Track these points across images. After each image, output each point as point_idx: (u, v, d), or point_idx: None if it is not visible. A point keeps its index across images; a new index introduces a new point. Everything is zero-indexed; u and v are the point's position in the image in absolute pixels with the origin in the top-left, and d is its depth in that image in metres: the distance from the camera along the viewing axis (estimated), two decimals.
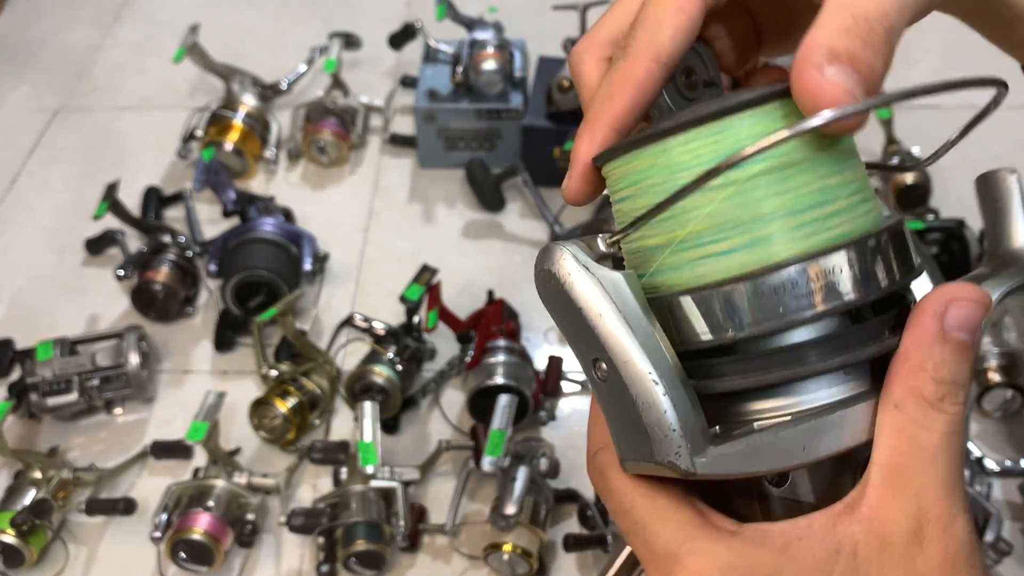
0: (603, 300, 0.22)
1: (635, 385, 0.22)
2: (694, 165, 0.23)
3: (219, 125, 1.11)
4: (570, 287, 0.23)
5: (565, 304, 0.23)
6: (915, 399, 0.22)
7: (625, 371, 0.22)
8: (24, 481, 0.78)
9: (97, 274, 1.02)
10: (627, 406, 0.22)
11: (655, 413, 0.22)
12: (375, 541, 0.72)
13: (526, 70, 1.09)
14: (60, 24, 1.42)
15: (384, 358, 0.84)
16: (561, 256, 0.23)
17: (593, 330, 0.23)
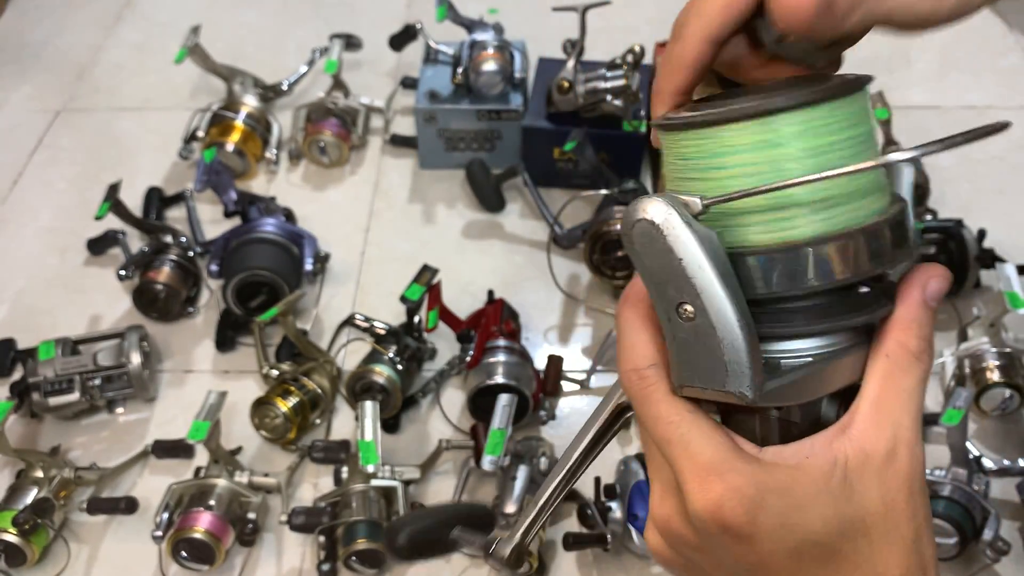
0: (702, 254, 0.26)
1: (722, 328, 0.27)
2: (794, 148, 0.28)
3: (220, 126, 1.11)
4: (673, 239, 0.26)
5: (662, 253, 0.27)
6: (903, 350, 0.29)
7: (716, 317, 0.27)
8: (26, 480, 0.78)
9: (99, 274, 1.02)
10: (709, 344, 0.27)
11: (736, 352, 0.27)
12: (376, 540, 0.72)
13: (526, 71, 1.09)
14: (62, 25, 1.42)
15: (385, 358, 0.84)
16: (665, 211, 0.27)
17: (690, 279, 0.26)
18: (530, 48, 1.13)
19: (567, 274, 1.00)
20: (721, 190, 0.28)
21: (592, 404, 0.88)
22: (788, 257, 0.27)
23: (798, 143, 0.27)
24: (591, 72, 0.99)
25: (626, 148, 1.04)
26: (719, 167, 0.28)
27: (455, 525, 0.45)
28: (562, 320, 0.96)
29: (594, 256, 0.92)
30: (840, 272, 0.28)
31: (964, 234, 0.90)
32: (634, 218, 0.27)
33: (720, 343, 0.27)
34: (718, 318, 0.26)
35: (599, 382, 0.90)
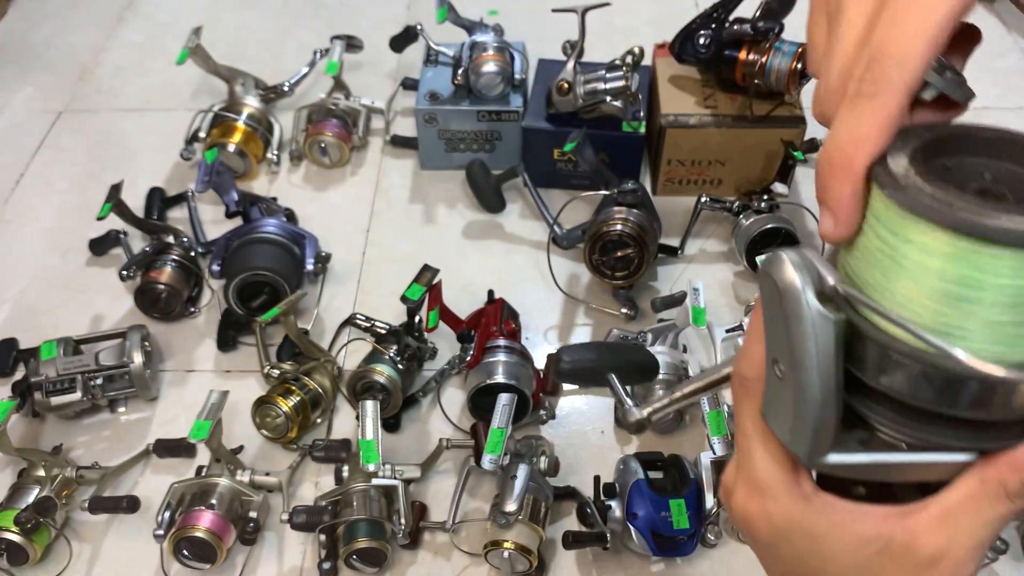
0: (810, 334, 0.26)
1: (801, 403, 0.27)
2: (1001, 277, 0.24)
3: (222, 127, 1.12)
4: (789, 308, 0.26)
5: (777, 310, 0.27)
6: (999, 486, 0.28)
7: (800, 391, 0.27)
8: (28, 479, 0.78)
9: (101, 274, 1.03)
10: (788, 403, 0.28)
11: (804, 424, 0.27)
12: (376, 538, 0.73)
13: (526, 72, 1.09)
14: (64, 26, 1.43)
15: (385, 357, 0.85)
16: (795, 277, 0.26)
17: (791, 348, 0.27)
18: (530, 49, 1.14)
19: (567, 274, 1.01)
20: (894, 293, 0.26)
21: (592, 403, 0.89)
22: (943, 376, 0.26)
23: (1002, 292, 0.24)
24: (590, 73, 0.99)
25: (625, 149, 1.04)
26: (910, 269, 0.26)
27: (615, 369, 0.49)
28: (562, 320, 0.96)
29: (593, 256, 0.92)
30: (999, 411, 0.26)
31: None
32: (766, 269, 0.27)
33: (795, 410, 0.27)
34: (801, 393, 0.27)
35: None
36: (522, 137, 1.07)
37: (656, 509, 0.72)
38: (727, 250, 1.03)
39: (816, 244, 0.98)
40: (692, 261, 1.02)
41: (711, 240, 1.04)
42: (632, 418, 0.43)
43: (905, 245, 0.25)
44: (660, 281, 1.00)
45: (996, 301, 0.24)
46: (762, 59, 0.97)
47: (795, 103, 1.01)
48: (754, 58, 0.98)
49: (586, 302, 0.97)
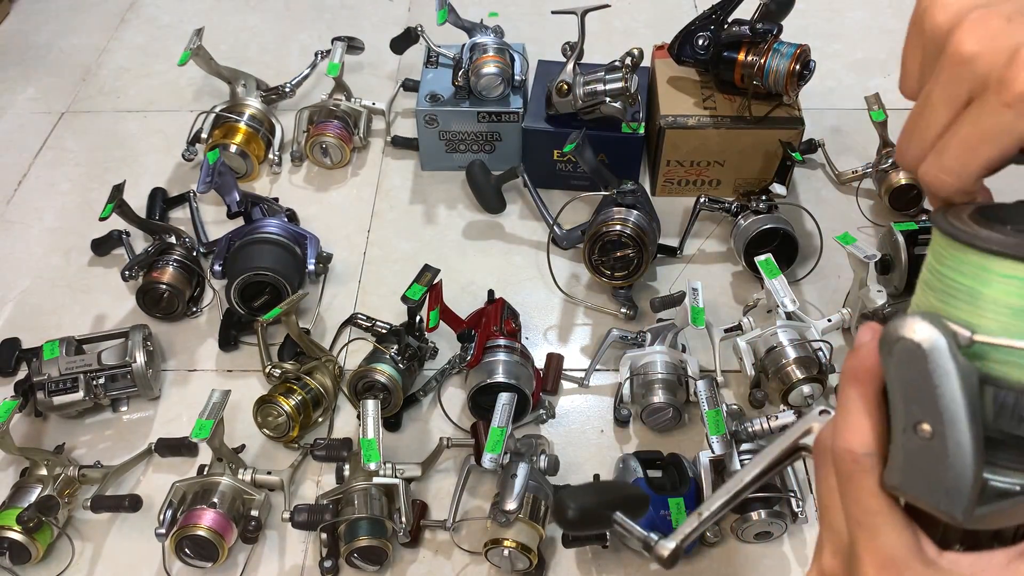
0: (959, 389, 0.27)
1: (955, 458, 0.27)
2: None
3: (224, 127, 1.12)
4: (934, 367, 0.27)
5: (920, 374, 0.27)
6: None
7: (953, 447, 0.27)
8: (30, 478, 0.79)
9: (103, 274, 1.03)
10: (937, 466, 0.28)
11: (961, 481, 0.27)
12: (377, 537, 0.73)
13: (526, 73, 1.10)
14: (66, 28, 1.43)
15: (386, 357, 0.85)
16: (935, 337, 0.27)
17: (939, 407, 0.27)
18: (530, 51, 1.14)
19: (566, 274, 1.01)
20: (991, 326, 0.27)
21: (591, 402, 0.89)
22: None
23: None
24: (590, 74, 1.00)
25: (625, 150, 1.04)
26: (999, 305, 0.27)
27: (617, 508, 0.47)
28: (561, 320, 0.97)
29: (593, 256, 0.93)
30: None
31: None
32: (899, 333, 0.27)
33: (948, 469, 0.28)
34: (955, 449, 0.27)
35: (598, 380, 0.90)
36: (522, 138, 1.07)
37: (655, 508, 0.73)
38: (726, 250, 1.03)
39: (814, 245, 0.99)
40: (691, 261, 1.02)
41: (710, 240, 1.04)
42: (666, 552, 0.40)
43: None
44: (659, 281, 1.00)
45: None
46: (761, 60, 0.97)
47: (793, 104, 1.01)
48: (753, 59, 0.98)
49: (586, 302, 0.98)
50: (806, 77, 0.98)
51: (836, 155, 1.11)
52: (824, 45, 1.29)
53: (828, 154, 1.11)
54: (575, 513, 0.47)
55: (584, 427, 0.87)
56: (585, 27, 1.00)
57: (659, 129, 1.03)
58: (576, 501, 0.47)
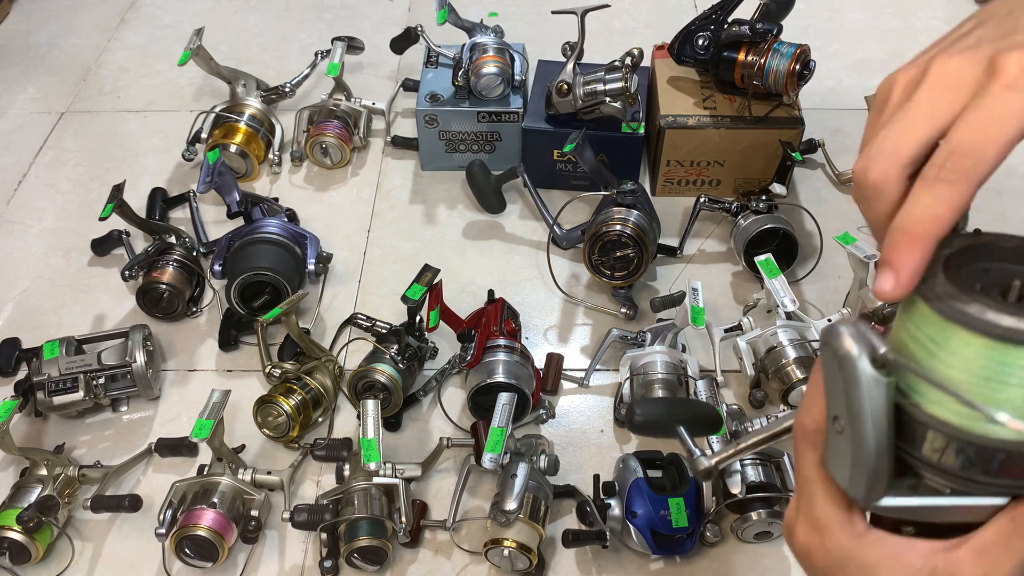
0: (864, 395, 0.30)
1: (858, 453, 0.31)
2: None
3: (224, 127, 1.12)
4: (846, 372, 0.30)
5: (836, 375, 0.31)
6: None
7: (856, 443, 0.31)
8: (30, 478, 0.79)
9: (103, 274, 1.03)
10: (846, 451, 0.32)
11: (861, 472, 0.31)
12: (377, 536, 0.73)
13: (526, 73, 1.10)
14: (66, 28, 1.43)
15: (386, 357, 0.85)
16: (851, 346, 0.30)
17: (848, 407, 0.31)
18: (530, 51, 1.14)
19: (566, 274, 1.01)
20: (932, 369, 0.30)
21: (591, 402, 0.89)
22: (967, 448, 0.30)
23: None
24: (590, 74, 1.00)
25: (625, 149, 1.04)
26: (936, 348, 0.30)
27: (684, 421, 0.53)
28: (561, 320, 0.97)
29: (593, 256, 0.93)
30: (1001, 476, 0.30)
31: None
32: (826, 340, 0.31)
33: (853, 460, 0.31)
34: (858, 445, 0.31)
35: (598, 380, 0.90)
36: (522, 138, 1.07)
37: (655, 508, 0.73)
38: (726, 250, 1.03)
39: (814, 245, 0.99)
40: (691, 261, 1.02)
41: (710, 240, 1.05)
42: (701, 467, 0.45)
43: (945, 344, 0.30)
44: (659, 281, 1.00)
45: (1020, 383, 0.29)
46: (761, 60, 0.97)
47: (793, 104, 1.01)
48: (753, 59, 0.98)
49: (586, 302, 0.98)
50: (806, 77, 0.98)
51: (836, 155, 1.11)
52: (824, 45, 1.29)
53: (828, 154, 1.11)
54: (641, 418, 0.55)
55: (584, 427, 0.87)
56: (585, 27, 1.00)
57: (659, 129, 1.03)
58: (645, 408, 0.56)
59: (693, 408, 0.58)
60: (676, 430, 0.52)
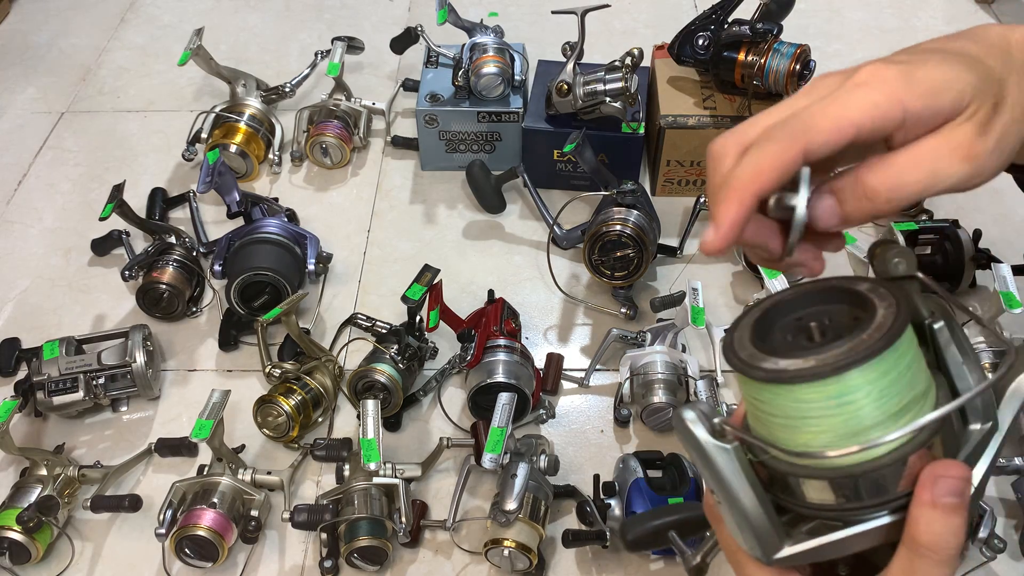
0: (713, 460, 0.33)
1: (735, 513, 0.34)
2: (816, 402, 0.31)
3: (224, 127, 1.12)
4: (693, 448, 0.33)
5: (692, 453, 0.33)
6: (915, 544, 0.32)
7: (729, 505, 0.33)
8: (30, 478, 0.79)
9: (103, 274, 1.03)
10: (730, 517, 0.34)
11: (746, 533, 0.34)
12: (377, 536, 0.73)
13: (526, 73, 1.10)
14: (66, 28, 1.43)
15: (386, 357, 0.85)
16: (690, 427, 0.33)
17: (711, 475, 0.33)
18: (530, 51, 1.14)
19: (566, 274, 1.01)
20: (762, 424, 0.33)
21: (591, 402, 0.89)
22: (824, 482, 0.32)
23: (818, 403, 0.31)
24: (590, 74, 1.00)
25: (625, 149, 1.04)
26: (786, 418, 0.32)
27: (673, 528, 0.59)
28: (561, 320, 0.97)
29: (593, 256, 0.93)
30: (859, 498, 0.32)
31: (960, 235, 0.91)
32: (673, 423, 0.34)
33: (737, 524, 0.34)
34: (734, 510, 0.34)
35: (598, 380, 0.90)
36: (522, 138, 1.07)
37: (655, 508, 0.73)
38: None
39: None
40: (691, 261, 1.02)
41: None
42: (690, 565, 0.49)
43: (761, 401, 0.33)
44: (659, 281, 1.00)
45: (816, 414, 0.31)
46: (761, 60, 0.97)
47: None
48: (753, 59, 0.98)
49: (586, 302, 0.98)
50: (806, 77, 0.98)
51: None
52: (824, 45, 1.29)
53: None
54: (632, 537, 0.60)
55: (584, 427, 0.87)
56: (585, 27, 1.00)
57: (659, 129, 1.03)
58: (636, 528, 0.60)
59: (681, 512, 0.61)
60: (668, 536, 0.57)
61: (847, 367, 0.30)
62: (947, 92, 0.31)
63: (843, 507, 0.32)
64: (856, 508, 0.32)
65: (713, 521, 0.38)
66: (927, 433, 0.32)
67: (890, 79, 0.31)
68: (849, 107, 0.31)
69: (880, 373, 0.30)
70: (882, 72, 0.32)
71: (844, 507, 0.32)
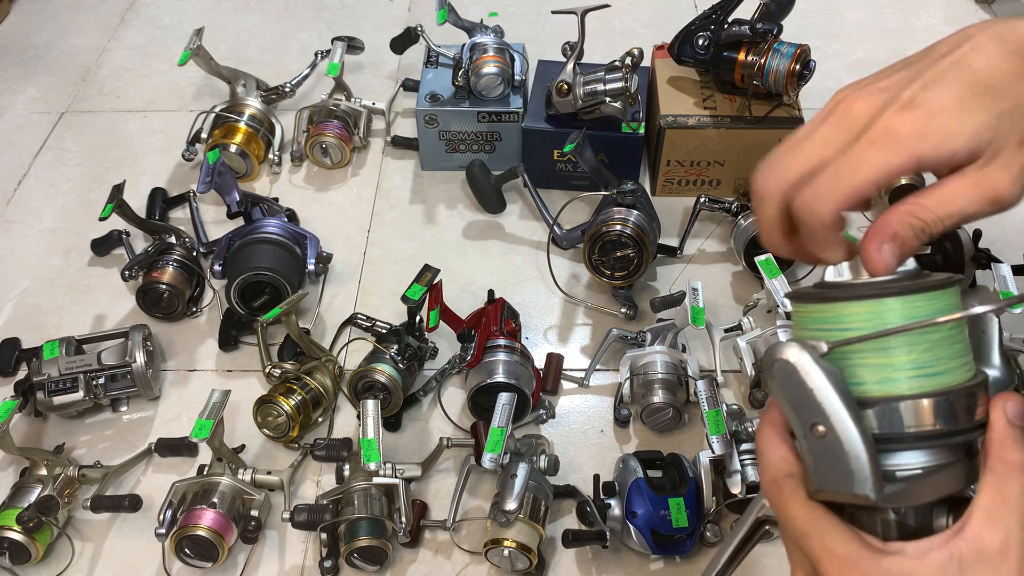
0: (829, 386, 0.33)
1: (848, 444, 0.33)
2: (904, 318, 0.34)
3: (224, 127, 1.12)
4: (805, 374, 0.33)
5: (797, 385, 0.34)
6: (1002, 464, 0.34)
7: (843, 435, 0.33)
8: (30, 478, 0.79)
9: (103, 274, 1.03)
10: (839, 456, 0.33)
11: (860, 463, 0.33)
12: (377, 537, 0.73)
13: (526, 73, 1.10)
14: (66, 28, 1.43)
15: (386, 357, 0.85)
16: (799, 353, 0.34)
17: (820, 405, 0.33)
18: (530, 51, 1.14)
19: (566, 274, 1.01)
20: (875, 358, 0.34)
21: (591, 402, 0.89)
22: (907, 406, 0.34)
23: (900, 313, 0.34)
24: (590, 74, 1.00)
25: (625, 149, 1.04)
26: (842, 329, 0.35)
27: None
28: (561, 320, 0.97)
29: (593, 256, 0.93)
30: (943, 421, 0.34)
31: (960, 234, 0.91)
32: (773, 358, 0.34)
33: (847, 455, 0.33)
34: (844, 436, 0.33)
35: (598, 380, 0.90)
36: (522, 138, 1.07)
37: (655, 508, 0.73)
38: (726, 250, 1.03)
39: None
40: (691, 261, 1.02)
41: (710, 240, 1.04)
42: None
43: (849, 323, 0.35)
44: (659, 281, 1.00)
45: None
46: (761, 60, 0.97)
47: (793, 104, 1.01)
48: (753, 59, 0.98)
49: (586, 302, 0.98)
50: (806, 77, 0.98)
51: None
52: (824, 45, 1.29)
53: None
54: None
55: (584, 427, 0.87)
56: (585, 27, 1.00)
57: (659, 129, 1.03)
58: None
59: None
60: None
61: (950, 284, 0.34)
62: (960, 137, 0.33)
63: (935, 431, 0.34)
64: (950, 432, 0.34)
65: (784, 494, 0.36)
66: (984, 376, 0.35)
67: (903, 136, 0.34)
68: (859, 173, 0.34)
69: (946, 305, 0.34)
70: (896, 129, 0.34)
71: (937, 431, 0.34)
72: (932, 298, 0.34)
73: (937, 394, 0.34)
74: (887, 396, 0.34)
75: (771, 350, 0.34)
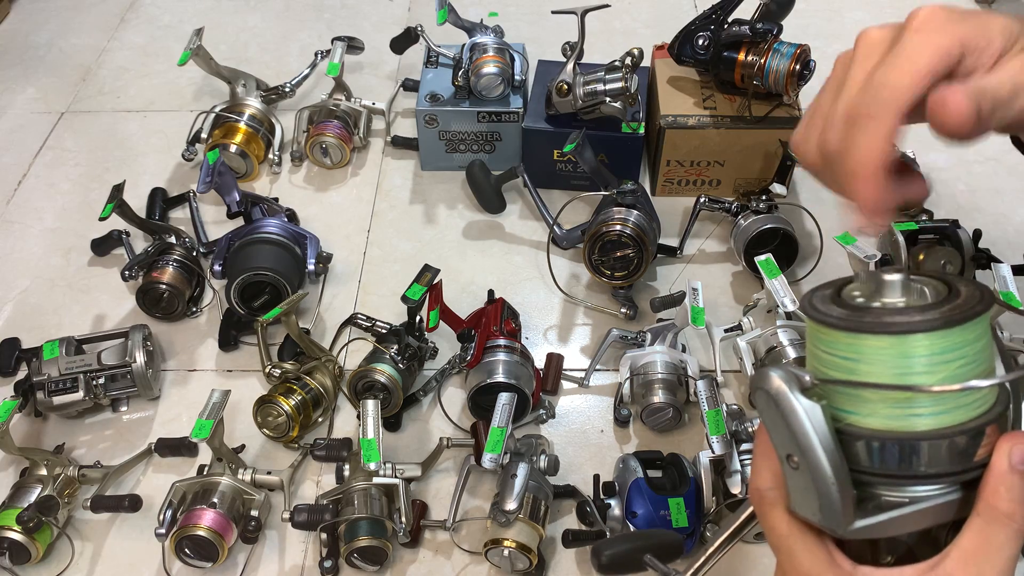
0: (806, 423, 0.33)
1: (819, 482, 0.33)
2: (920, 356, 0.32)
3: (224, 127, 1.12)
4: (783, 408, 0.33)
5: (776, 416, 0.33)
6: (992, 511, 0.33)
7: (814, 472, 0.33)
8: (30, 478, 0.79)
9: (103, 274, 1.03)
10: (808, 483, 0.33)
11: (828, 500, 0.33)
12: (377, 537, 0.73)
13: (526, 73, 1.10)
14: (66, 28, 1.43)
15: (386, 357, 0.85)
16: (779, 385, 0.33)
17: (795, 439, 0.33)
18: (530, 51, 1.14)
19: (566, 274, 1.01)
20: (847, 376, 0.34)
21: (591, 402, 0.89)
22: (902, 444, 0.33)
23: (926, 357, 0.32)
24: (590, 74, 1.00)
25: (624, 149, 1.04)
26: (854, 363, 0.33)
27: (648, 551, 0.57)
28: (561, 320, 0.97)
29: (593, 256, 0.93)
30: (938, 465, 0.33)
31: (960, 235, 0.91)
32: (756, 385, 0.34)
33: (816, 492, 0.33)
34: (816, 474, 0.33)
35: (598, 380, 0.90)
36: (522, 138, 1.07)
37: (655, 508, 0.73)
38: (726, 250, 1.03)
39: (814, 245, 0.99)
40: (691, 261, 1.02)
41: (710, 240, 1.05)
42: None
43: (862, 354, 0.33)
44: (659, 281, 1.00)
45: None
46: (761, 60, 0.97)
47: (793, 104, 1.01)
48: (753, 59, 0.98)
49: (586, 302, 0.98)
50: (806, 77, 0.98)
51: None
52: (824, 45, 1.29)
53: None
54: (608, 559, 0.58)
55: (584, 427, 0.87)
56: (585, 27, 1.00)
57: (659, 129, 1.03)
58: (610, 549, 0.58)
59: (656, 538, 0.61)
60: (644, 559, 0.56)
61: (962, 320, 0.32)
62: (995, 25, 0.34)
63: (915, 473, 0.33)
64: (933, 475, 0.33)
65: (765, 506, 0.37)
66: (1003, 405, 0.33)
67: (944, 20, 0.34)
68: (916, 59, 0.34)
69: (976, 335, 0.32)
70: (935, 15, 0.34)
71: (917, 473, 0.33)
72: (964, 331, 0.32)
73: (933, 436, 0.32)
74: (877, 431, 0.33)
75: (757, 375, 0.34)
